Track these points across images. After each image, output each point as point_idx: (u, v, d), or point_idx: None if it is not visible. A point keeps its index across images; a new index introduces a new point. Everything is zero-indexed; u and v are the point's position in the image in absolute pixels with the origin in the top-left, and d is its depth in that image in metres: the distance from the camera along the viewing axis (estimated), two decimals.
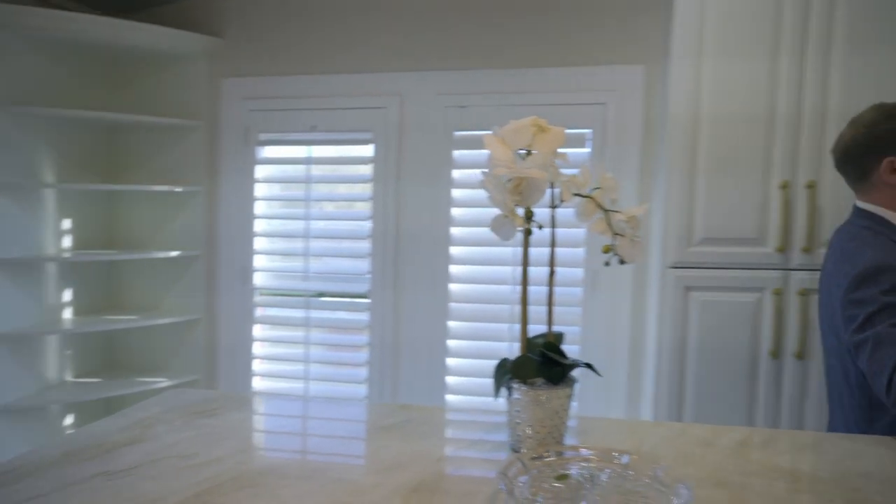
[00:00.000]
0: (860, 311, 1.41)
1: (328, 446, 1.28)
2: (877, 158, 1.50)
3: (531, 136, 1.08)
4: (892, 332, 1.33)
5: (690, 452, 1.21)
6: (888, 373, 1.30)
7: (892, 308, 1.36)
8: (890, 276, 1.38)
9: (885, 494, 1.04)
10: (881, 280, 1.39)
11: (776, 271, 2.08)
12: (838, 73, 2.02)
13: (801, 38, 2.03)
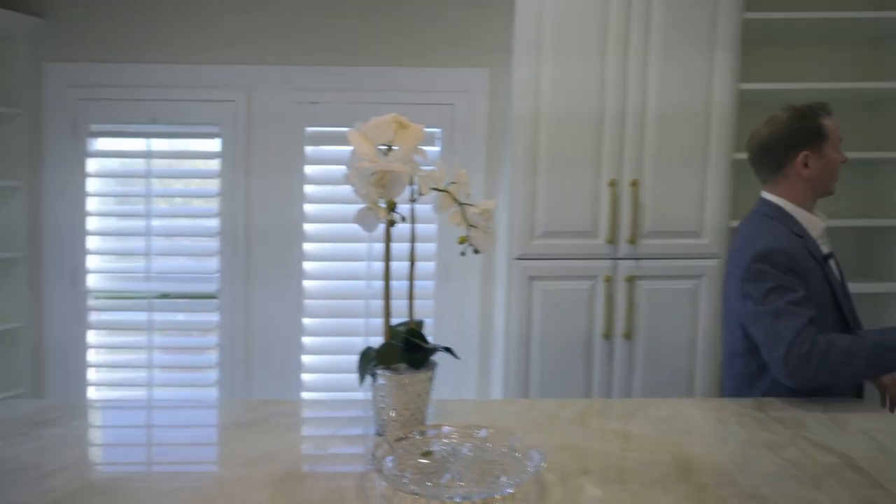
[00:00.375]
0: (758, 287, 1.57)
1: (189, 443, 1.25)
2: (793, 152, 1.67)
3: (393, 132, 1.13)
4: (788, 308, 1.51)
5: (539, 424, 1.33)
6: (786, 344, 1.48)
7: (786, 288, 1.54)
8: (785, 259, 1.56)
9: (699, 445, 1.22)
10: (777, 261, 1.57)
11: (606, 261, 2.31)
12: (655, 76, 2.27)
13: (623, 44, 2.26)
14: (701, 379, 2.32)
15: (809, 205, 1.71)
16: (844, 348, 1.48)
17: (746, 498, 1.00)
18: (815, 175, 1.67)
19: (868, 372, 1.53)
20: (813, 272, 1.59)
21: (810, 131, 1.67)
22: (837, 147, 1.69)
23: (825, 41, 2.63)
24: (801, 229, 1.65)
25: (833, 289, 1.61)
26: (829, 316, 1.59)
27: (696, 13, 2.25)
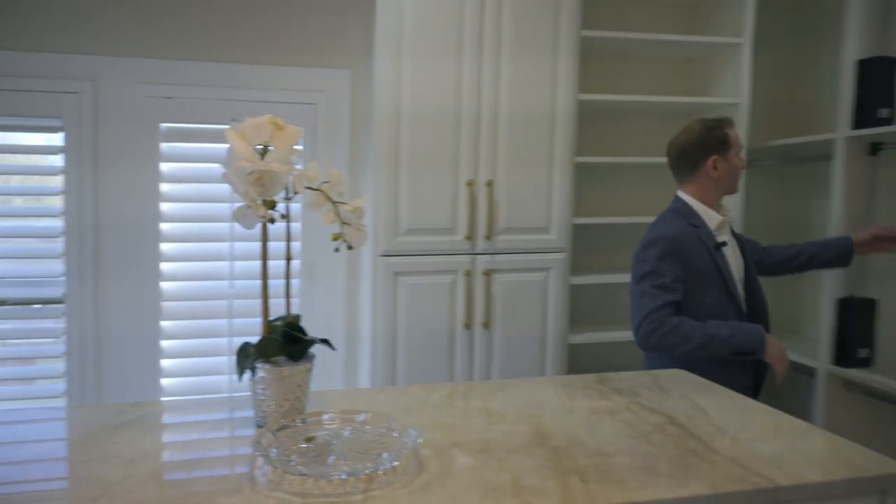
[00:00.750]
0: (637, 270, 1.94)
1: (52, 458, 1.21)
2: (704, 157, 2.00)
3: (270, 133, 1.17)
4: (651, 291, 1.87)
5: (411, 407, 1.44)
6: (639, 320, 1.87)
7: (656, 273, 1.88)
8: (665, 245, 1.91)
9: (551, 416, 1.38)
10: (659, 247, 1.91)
11: (466, 256, 2.47)
12: (506, 82, 2.45)
13: (477, 48, 2.42)
14: (551, 360, 2.54)
15: (715, 202, 2.04)
16: (684, 333, 1.84)
17: (593, 455, 1.17)
18: (722, 177, 2.00)
19: (701, 354, 1.86)
20: (701, 257, 1.93)
21: (718, 139, 2.00)
22: (739, 154, 2.03)
23: (650, 59, 2.97)
24: (700, 221, 1.97)
25: (721, 272, 1.94)
26: (717, 294, 1.93)
27: (542, 24, 2.46)
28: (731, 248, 2.02)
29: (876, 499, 1.11)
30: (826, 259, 2.19)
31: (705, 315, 1.93)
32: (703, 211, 2.01)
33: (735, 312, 1.97)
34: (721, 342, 1.86)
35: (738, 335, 1.87)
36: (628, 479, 1.07)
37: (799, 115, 3.03)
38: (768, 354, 1.89)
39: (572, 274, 2.59)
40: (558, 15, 2.48)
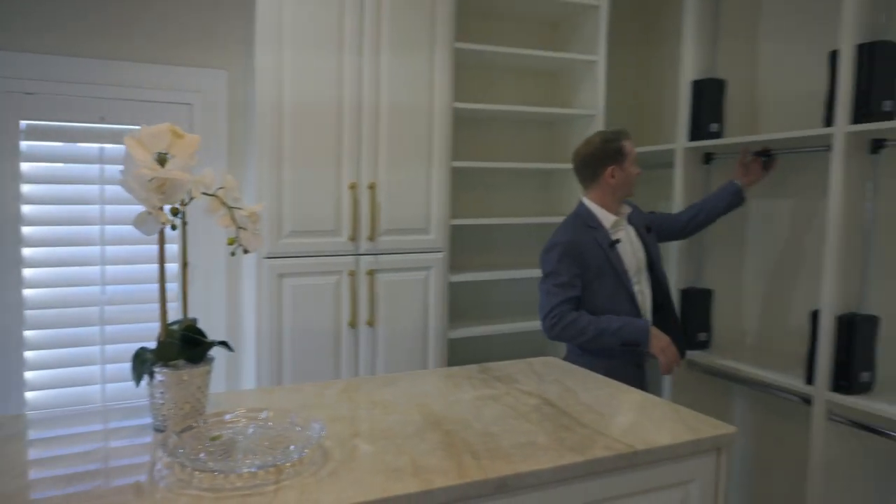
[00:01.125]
0: (543, 270, 2.23)
1: None
2: (603, 166, 2.25)
3: (169, 141, 1.20)
4: (552, 289, 2.17)
5: (309, 403, 1.50)
6: (543, 315, 2.17)
7: (556, 273, 2.16)
8: (562, 249, 2.19)
9: (441, 404, 1.50)
10: (557, 251, 2.17)
11: (349, 256, 2.54)
12: (386, 82, 2.53)
13: (357, 50, 2.50)
14: (433, 355, 2.68)
15: (613, 205, 2.29)
16: (580, 327, 2.12)
17: (481, 435, 1.30)
18: (619, 184, 2.26)
19: (594, 345, 2.15)
20: (596, 256, 2.19)
21: (614, 151, 2.25)
22: (634, 163, 2.28)
23: (518, 71, 3.19)
24: (597, 223, 2.23)
25: (615, 268, 2.20)
26: (612, 287, 2.20)
27: (419, 36, 2.59)
28: (627, 243, 2.28)
29: (713, 455, 1.34)
30: (724, 205, 2.52)
31: (601, 305, 2.20)
32: (600, 214, 2.27)
33: (628, 302, 2.24)
34: (611, 334, 2.13)
35: (627, 329, 2.14)
36: (513, 454, 1.21)
37: (647, 126, 3.39)
38: (653, 346, 2.16)
39: (451, 272, 2.74)
40: (434, 28, 2.61)
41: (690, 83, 2.78)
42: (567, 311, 2.15)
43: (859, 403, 2.10)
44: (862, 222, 2.20)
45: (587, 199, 2.32)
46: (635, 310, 2.25)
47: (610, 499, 1.23)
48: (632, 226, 2.34)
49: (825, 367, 2.18)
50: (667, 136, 3.15)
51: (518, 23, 3.18)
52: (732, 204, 2.52)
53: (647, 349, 2.17)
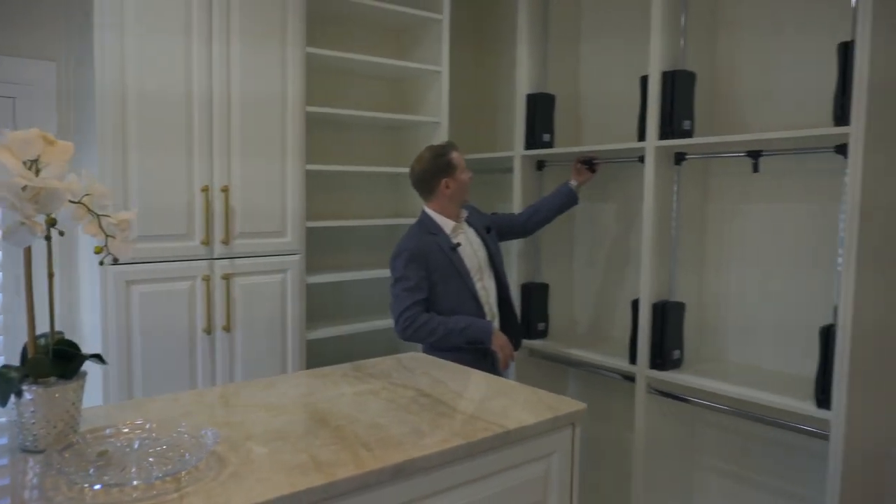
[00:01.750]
0: (392, 276, 2.38)
1: None
2: (436, 180, 2.42)
3: (41, 147, 1.14)
4: (401, 294, 2.33)
5: (191, 411, 1.49)
6: (395, 318, 2.34)
7: (405, 278, 2.30)
8: (408, 255, 2.34)
9: (324, 402, 1.56)
10: (403, 257, 2.32)
11: (203, 261, 2.47)
12: (238, 68, 2.49)
13: (206, 36, 2.44)
14: (292, 357, 2.69)
15: (453, 212, 2.46)
16: (431, 328, 2.29)
17: (369, 428, 1.39)
18: (454, 192, 2.44)
19: (444, 344, 2.30)
20: (439, 260, 2.35)
21: (445, 165, 2.42)
22: (464, 170, 2.45)
23: (368, 77, 3.28)
24: (438, 229, 2.39)
25: (458, 270, 2.37)
26: (456, 287, 2.37)
27: (269, 43, 2.58)
28: (467, 245, 2.45)
29: (569, 430, 1.54)
30: (559, 203, 2.78)
31: (448, 305, 2.37)
32: (441, 221, 2.45)
33: (471, 301, 2.42)
34: (458, 334, 2.33)
35: (471, 329, 2.34)
36: (403, 442, 1.32)
37: (488, 133, 3.65)
38: (494, 344, 2.37)
39: (308, 274, 2.76)
40: (285, 34, 2.61)
41: (525, 97, 3.05)
42: (418, 313, 2.32)
43: (672, 377, 2.48)
44: (669, 223, 2.58)
45: (428, 208, 2.49)
46: (479, 307, 2.44)
47: (489, 475, 1.38)
48: (472, 227, 2.53)
49: (645, 349, 2.53)
50: (506, 143, 3.41)
51: (365, 29, 3.27)
52: (566, 203, 2.80)
53: (489, 346, 2.37)
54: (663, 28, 2.47)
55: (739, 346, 2.60)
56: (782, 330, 2.47)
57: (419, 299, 2.33)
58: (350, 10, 3.01)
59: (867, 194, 2.01)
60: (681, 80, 2.47)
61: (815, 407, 2.10)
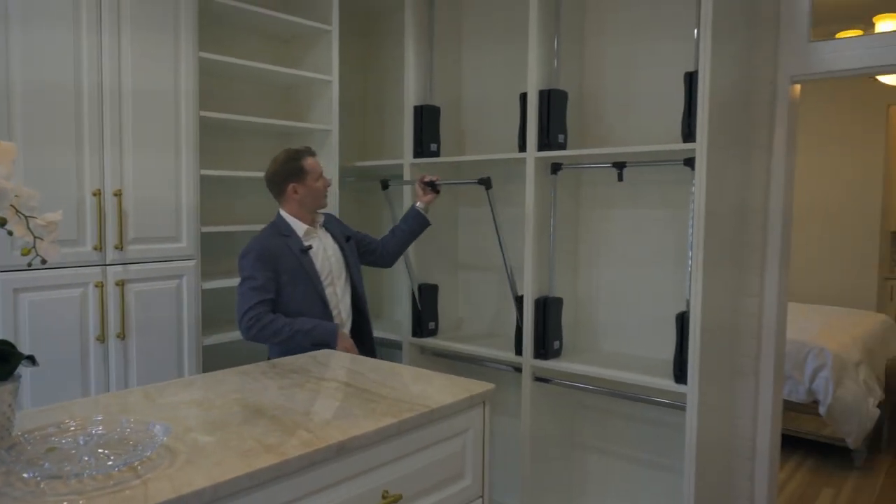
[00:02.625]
0: (240, 273, 2.38)
1: None
2: (285, 184, 2.44)
3: None
4: (247, 292, 2.28)
5: (118, 411, 1.50)
6: (239, 316, 2.32)
7: (251, 277, 2.30)
8: (256, 254, 2.34)
9: (254, 396, 1.63)
10: (251, 256, 2.33)
11: (96, 267, 2.41)
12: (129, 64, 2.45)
13: (96, 26, 2.39)
14: (188, 363, 2.67)
15: (306, 216, 2.48)
16: (276, 328, 2.30)
17: (304, 415, 1.49)
18: (304, 198, 2.46)
19: (289, 344, 2.31)
20: (288, 261, 2.37)
21: (295, 170, 2.43)
22: (318, 178, 2.47)
23: (259, 84, 3.31)
24: (291, 231, 2.39)
25: (307, 272, 2.39)
26: (304, 289, 2.38)
27: (161, 39, 2.56)
28: (320, 249, 2.48)
29: (481, 408, 1.72)
30: (408, 228, 2.78)
31: (295, 307, 2.38)
32: (294, 223, 2.46)
33: (320, 305, 2.43)
34: (304, 335, 2.33)
35: (318, 330, 2.35)
36: (340, 424, 1.43)
37: (378, 141, 3.79)
38: (339, 346, 2.38)
39: (203, 279, 2.76)
40: (178, 32, 2.61)
41: (413, 108, 3.23)
42: (264, 312, 2.31)
43: (553, 365, 2.75)
44: (548, 226, 2.87)
45: (282, 210, 2.51)
46: (327, 311, 2.44)
47: (417, 450, 1.53)
48: (329, 234, 2.57)
49: (529, 340, 2.79)
50: (396, 151, 3.57)
51: (255, 36, 3.30)
52: (417, 227, 2.80)
53: (335, 348, 2.34)
54: (539, 52, 2.76)
55: (610, 335, 2.94)
56: (646, 320, 2.83)
57: (265, 299, 2.32)
58: (241, 17, 3.04)
59: (710, 201, 2.39)
60: (555, 98, 2.77)
61: (674, 383, 2.45)
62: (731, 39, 2.50)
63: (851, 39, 2.52)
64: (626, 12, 2.85)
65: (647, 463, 2.86)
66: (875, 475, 3.81)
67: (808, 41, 2.56)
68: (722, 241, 2.52)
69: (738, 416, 2.71)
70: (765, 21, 2.62)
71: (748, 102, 2.66)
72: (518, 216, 3.05)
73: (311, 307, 2.40)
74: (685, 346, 2.41)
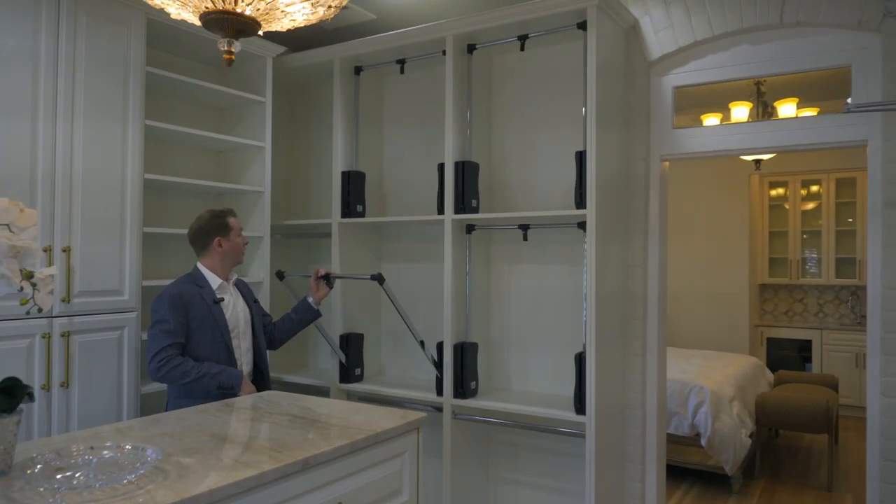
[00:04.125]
0: (153, 317, 2.54)
1: None
2: (212, 237, 2.65)
3: (16, 214, 1.38)
4: (158, 335, 2.48)
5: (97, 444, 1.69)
6: (150, 357, 2.47)
7: (163, 321, 2.48)
8: (171, 299, 2.52)
9: (218, 428, 1.86)
10: (165, 301, 2.50)
11: (43, 319, 2.54)
12: (81, 144, 2.66)
13: (52, 115, 2.58)
14: (127, 411, 2.79)
15: (222, 270, 2.69)
16: (185, 370, 2.47)
17: (268, 440, 1.74)
18: (226, 252, 2.70)
19: (195, 386, 2.48)
20: (200, 309, 2.57)
21: (221, 225, 2.69)
22: (239, 234, 2.73)
23: (194, 149, 3.55)
24: (205, 282, 2.63)
25: (217, 321, 2.58)
26: (213, 337, 2.57)
27: (111, 120, 2.79)
28: (232, 304, 2.69)
29: (415, 433, 2.02)
30: (300, 319, 3.00)
31: (202, 353, 2.55)
32: (209, 276, 2.67)
33: (226, 353, 2.61)
34: (211, 378, 2.50)
35: (224, 375, 2.53)
36: (301, 446, 1.70)
37: (306, 201, 4.08)
38: (243, 390, 2.57)
39: (142, 330, 2.91)
40: (126, 110, 2.84)
41: (342, 173, 3.57)
42: (174, 355, 2.46)
43: (470, 403, 3.08)
44: (464, 279, 3.24)
45: (200, 263, 2.69)
46: (232, 360, 2.61)
47: (365, 468, 1.80)
48: (240, 293, 2.79)
49: (449, 382, 3.11)
50: (324, 211, 3.88)
51: (192, 105, 3.55)
52: (307, 318, 3.03)
53: (238, 392, 2.53)
54: (455, 129, 3.18)
55: (518, 375, 3.32)
56: (548, 361, 3.23)
57: (175, 342, 2.47)
58: (181, 87, 3.29)
59: (600, 258, 2.85)
60: (469, 169, 3.19)
61: (575, 414, 2.84)
62: (612, 125, 3.03)
63: (705, 128, 3.12)
64: (526, 99, 3.35)
65: (553, 489, 3.21)
66: (750, 498, 4.34)
67: (671, 128, 3.13)
68: (612, 290, 2.98)
69: (629, 442, 3.13)
70: (638, 110, 3.18)
71: (627, 176, 3.19)
72: (436, 270, 3.40)
73: (217, 355, 2.56)
74: (583, 381, 2.81)
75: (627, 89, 3.19)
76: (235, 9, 1.36)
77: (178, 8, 1.45)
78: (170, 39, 3.21)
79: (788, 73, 2.91)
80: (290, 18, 1.45)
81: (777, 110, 4.74)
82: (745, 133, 3.02)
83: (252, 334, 2.76)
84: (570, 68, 3.20)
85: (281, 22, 1.46)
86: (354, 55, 3.53)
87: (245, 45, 3.40)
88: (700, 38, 3.03)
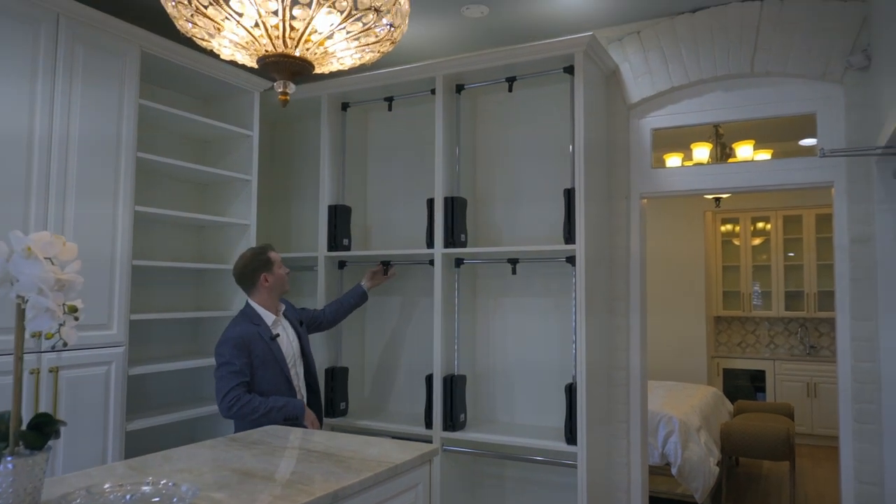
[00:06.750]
0: (218, 360, 2.63)
1: None
2: (257, 275, 2.77)
3: (60, 247, 1.37)
4: (226, 375, 2.52)
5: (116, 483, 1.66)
6: (221, 397, 2.57)
7: (229, 363, 2.56)
8: (234, 342, 2.58)
9: (237, 463, 1.84)
10: (230, 344, 2.56)
11: (31, 354, 2.46)
12: (74, 185, 2.62)
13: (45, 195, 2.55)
14: (112, 448, 2.71)
15: (272, 304, 2.80)
16: (254, 406, 2.57)
17: (293, 474, 1.74)
18: (273, 285, 2.79)
19: (266, 421, 2.57)
20: (260, 348, 2.67)
21: (264, 261, 2.78)
22: (280, 266, 2.83)
23: (180, 181, 3.52)
24: (261, 320, 2.69)
25: (276, 357, 2.69)
26: (273, 373, 2.66)
27: (103, 156, 2.76)
28: (285, 337, 2.81)
29: (428, 465, 2.04)
30: (353, 302, 3.31)
31: (266, 387, 2.69)
32: (263, 313, 2.78)
33: (286, 385, 2.76)
34: (278, 411, 2.64)
35: (289, 406, 2.68)
36: (326, 480, 1.70)
37: (292, 235, 4.08)
38: (306, 419, 2.74)
39: (130, 365, 2.85)
40: (119, 147, 2.83)
41: (328, 207, 3.60)
42: (242, 393, 2.61)
43: (459, 435, 3.11)
44: (453, 312, 3.29)
45: (251, 300, 2.82)
46: (292, 390, 2.81)
47: (388, 499, 1.82)
48: (287, 320, 2.92)
49: (439, 414, 3.14)
50: (310, 245, 3.88)
51: (180, 137, 3.54)
52: (359, 302, 3.36)
53: (304, 423, 2.74)
54: (444, 166, 3.27)
55: (505, 407, 3.37)
56: (537, 392, 3.29)
57: (242, 381, 2.61)
58: (168, 118, 3.28)
59: (589, 292, 2.95)
60: (458, 204, 3.27)
61: (566, 444, 2.90)
62: (596, 164, 3.17)
63: (678, 169, 3.30)
64: (510, 137, 3.47)
65: None
66: None
67: (650, 167, 3.29)
68: (601, 323, 3.08)
69: (615, 470, 3.21)
70: (620, 150, 3.34)
71: (611, 211, 3.32)
72: (426, 304, 3.45)
73: (279, 387, 2.71)
74: (574, 411, 2.88)
75: (610, 130, 3.35)
76: (294, 52, 1.41)
77: (234, 50, 1.49)
78: (159, 71, 3.22)
79: (758, 119, 3.12)
80: (340, 62, 1.51)
81: (735, 151, 5.02)
82: (722, 173, 3.21)
83: (303, 358, 2.91)
84: (553, 108, 3.35)
85: (331, 65, 1.52)
86: (342, 91, 3.60)
87: (233, 79, 3.43)
88: (676, 83, 3.22)
